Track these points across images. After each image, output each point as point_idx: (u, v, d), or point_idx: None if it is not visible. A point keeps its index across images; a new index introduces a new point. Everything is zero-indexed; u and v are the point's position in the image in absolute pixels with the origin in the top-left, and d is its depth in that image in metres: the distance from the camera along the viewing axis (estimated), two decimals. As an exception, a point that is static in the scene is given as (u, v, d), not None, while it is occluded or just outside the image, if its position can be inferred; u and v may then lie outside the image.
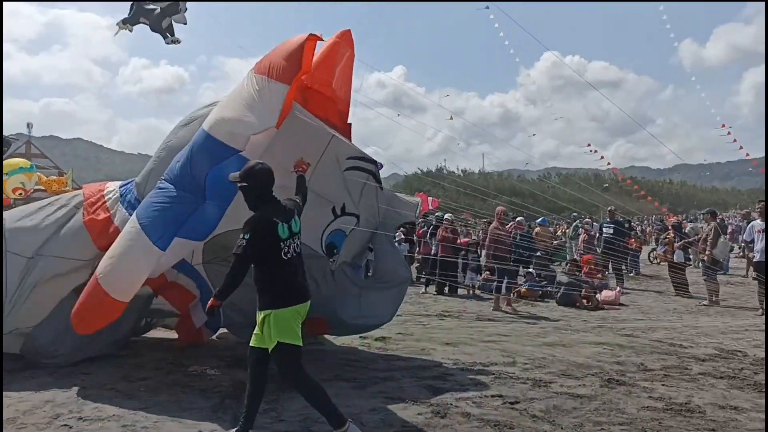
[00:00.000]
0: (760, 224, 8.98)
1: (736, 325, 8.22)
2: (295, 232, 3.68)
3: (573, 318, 8.67)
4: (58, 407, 4.16)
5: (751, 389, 4.84)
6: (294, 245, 3.65)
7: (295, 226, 3.68)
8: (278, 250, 3.55)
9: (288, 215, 3.66)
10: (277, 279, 3.58)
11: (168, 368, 5.26)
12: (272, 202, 3.68)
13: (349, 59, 5.47)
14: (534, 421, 3.97)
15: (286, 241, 3.58)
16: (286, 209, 3.69)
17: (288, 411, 4.12)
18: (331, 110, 5.50)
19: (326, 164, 5.44)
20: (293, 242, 3.64)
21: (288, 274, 3.61)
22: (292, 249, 3.63)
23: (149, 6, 8.59)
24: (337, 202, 5.63)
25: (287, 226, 3.60)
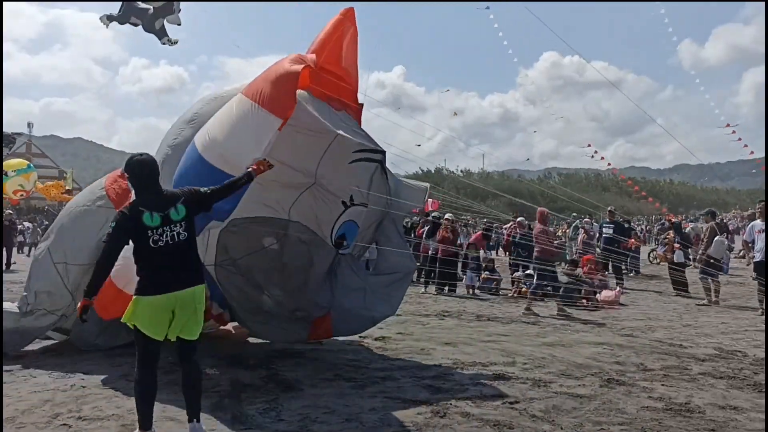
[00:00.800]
0: (760, 224, 8.97)
1: (735, 325, 8.22)
2: (174, 220, 3.61)
3: (573, 318, 8.66)
4: (57, 406, 4.16)
5: (750, 389, 4.84)
6: (170, 233, 3.59)
7: (174, 215, 3.61)
8: (146, 237, 3.54)
9: (165, 204, 3.62)
10: (146, 266, 3.61)
11: (167, 368, 5.23)
12: (148, 192, 3.67)
13: (353, 36, 5.44)
14: (533, 421, 3.96)
15: (156, 229, 3.55)
16: (162, 198, 3.65)
17: (287, 410, 4.11)
18: (342, 89, 5.46)
19: (332, 156, 5.39)
20: (169, 230, 3.58)
21: (158, 262, 3.59)
22: (167, 237, 3.58)
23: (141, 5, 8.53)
24: (345, 195, 5.62)
25: (160, 215, 3.57)
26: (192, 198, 3.74)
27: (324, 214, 5.58)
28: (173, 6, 8.42)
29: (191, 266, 3.72)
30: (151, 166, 3.70)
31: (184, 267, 3.66)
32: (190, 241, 3.70)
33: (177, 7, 8.47)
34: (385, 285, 6.00)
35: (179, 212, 3.64)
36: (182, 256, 3.65)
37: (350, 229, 5.76)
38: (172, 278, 3.60)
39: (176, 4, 8.43)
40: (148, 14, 8.41)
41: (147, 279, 3.61)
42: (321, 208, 5.57)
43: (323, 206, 5.56)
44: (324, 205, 5.57)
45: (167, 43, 8.61)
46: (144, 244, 3.56)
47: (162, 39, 8.57)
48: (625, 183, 37.53)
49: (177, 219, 3.62)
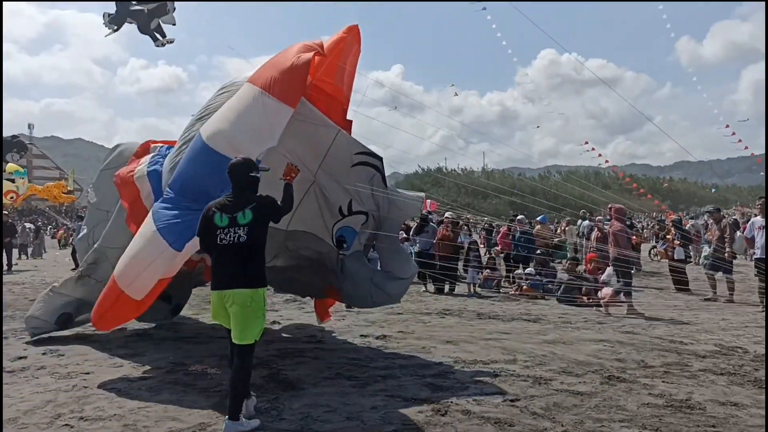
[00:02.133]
0: (760, 221, 8.97)
1: (736, 321, 8.22)
2: (239, 223, 3.84)
3: (573, 315, 8.66)
4: (59, 407, 4.17)
5: (751, 385, 4.84)
6: (234, 234, 3.84)
7: (241, 218, 3.85)
8: (214, 235, 3.88)
9: (235, 207, 3.88)
10: (213, 263, 4.01)
11: (169, 367, 5.28)
12: (229, 193, 3.99)
13: (355, 55, 5.49)
14: (534, 419, 3.97)
15: (223, 229, 3.86)
16: (236, 202, 3.91)
17: (289, 410, 4.12)
18: (332, 106, 5.53)
19: (332, 160, 5.46)
20: (233, 232, 3.84)
21: (220, 260, 3.91)
22: (230, 237, 3.84)
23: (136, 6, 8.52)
24: (343, 201, 5.67)
25: (229, 217, 3.86)
26: (263, 205, 3.95)
27: (323, 219, 5.68)
28: (167, 6, 8.41)
29: (247, 269, 3.87)
30: (236, 169, 3.97)
31: (239, 268, 3.85)
32: (251, 245, 3.88)
33: (171, 7, 8.47)
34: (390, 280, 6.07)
35: (245, 217, 3.86)
36: (240, 258, 3.85)
37: (347, 233, 5.84)
38: (226, 277, 3.86)
39: (170, 4, 8.42)
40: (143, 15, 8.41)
41: (212, 274, 3.99)
42: (319, 214, 5.66)
43: (322, 212, 5.65)
44: (322, 211, 5.65)
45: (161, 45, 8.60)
46: (213, 241, 3.90)
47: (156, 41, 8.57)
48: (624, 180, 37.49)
49: (242, 223, 3.86)
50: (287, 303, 9.65)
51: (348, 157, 5.58)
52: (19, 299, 9.84)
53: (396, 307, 9.13)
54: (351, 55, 5.46)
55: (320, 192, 5.68)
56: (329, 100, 5.52)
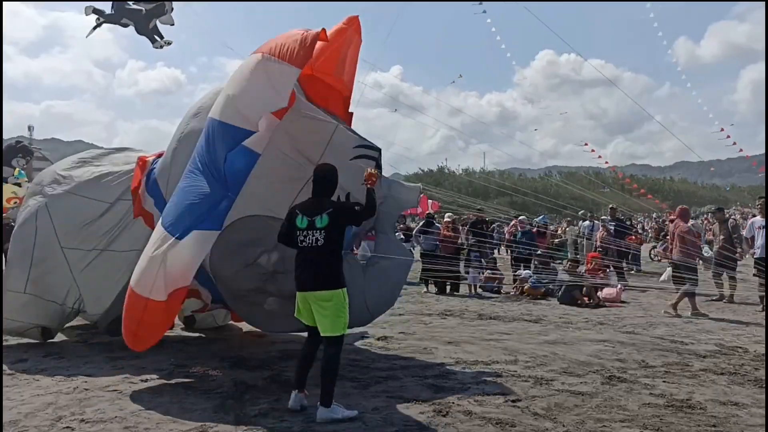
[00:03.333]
0: (760, 221, 8.98)
1: (736, 321, 8.23)
2: (317, 227, 4.02)
3: (574, 316, 8.67)
4: (60, 409, 4.17)
5: (751, 385, 4.85)
6: (312, 237, 4.03)
7: (318, 222, 4.02)
8: (295, 237, 4.10)
9: (315, 211, 4.07)
10: (295, 263, 4.16)
11: (170, 369, 5.28)
12: (313, 196, 4.20)
13: (356, 46, 5.46)
14: (536, 419, 3.97)
15: (303, 231, 4.05)
16: (316, 206, 4.10)
17: (290, 411, 4.12)
18: (332, 98, 5.49)
19: (331, 155, 5.37)
20: (312, 234, 4.02)
21: (300, 261, 4.10)
22: (309, 240, 4.03)
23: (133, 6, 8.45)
24: (342, 192, 5.54)
25: (308, 220, 4.04)
26: (340, 211, 4.12)
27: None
28: (165, 6, 8.37)
29: (323, 271, 4.05)
30: (320, 175, 4.20)
31: (316, 270, 4.04)
32: (327, 248, 4.04)
33: (169, 7, 8.42)
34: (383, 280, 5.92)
35: (323, 220, 4.03)
36: (316, 260, 4.04)
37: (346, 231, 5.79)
38: (305, 278, 4.08)
39: (168, 4, 8.37)
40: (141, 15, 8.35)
41: (295, 275, 4.15)
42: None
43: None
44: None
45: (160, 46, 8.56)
46: (295, 242, 4.12)
47: (154, 43, 8.52)
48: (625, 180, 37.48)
49: (319, 226, 4.03)
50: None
51: (346, 151, 5.51)
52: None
53: (397, 308, 9.12)
54: (352, 47, 5.43)
55: None
56: (329, 91, 5.47)
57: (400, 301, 9.99)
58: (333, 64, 5.34)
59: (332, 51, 5.23)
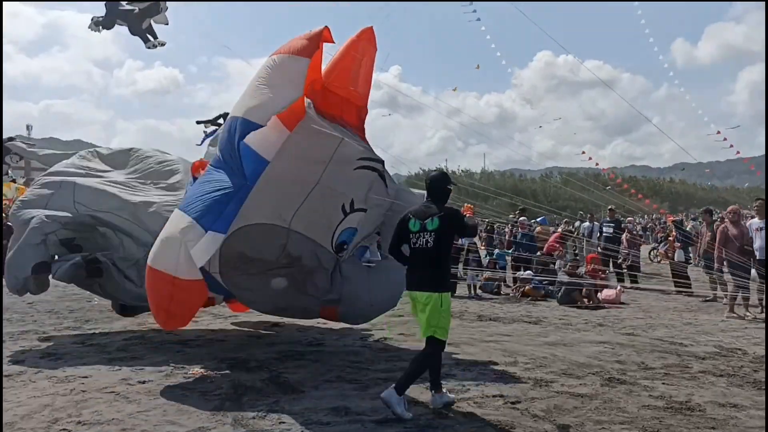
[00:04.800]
0: (758, 223, 8.96)
1: (736, 323, 8.22)
2: (428, 229, 4.24)
3: (574, 317, 8.66)
4: (56, 411, 4.15)
5: (750, 387, 4.83)
6: (423, 239, 4.25)
7: (430, 224, 4.24)
8: (408, 239, 4.35)
9: (426, 215, 4.29)
10: (408, 263, 4.42)
11: (167, 371, 5.26)
12: (426, 202, 4.42)
13: (370, 56, 5.57)
14: (535, 421, 3.96)
15: (416, 233, 4.29)
16: (428, 210, 4.32)
17: (289, 413, 4.11)
18: (346, 109, 5.64)
19: (336, 164, 5.55)
20: (423, 236, 4.26)
21: (412, 262, 4.37)
22: (421, 242, 4.26)
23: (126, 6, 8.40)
24: (347, 199, 5.74)
25: (420, 223, 4.28)
26: (450, 216, 4.29)
27: (326, 220, 5.67)
28: (159, 6, 8.32)
29: (431, 273, 4.25)
30: (434, 181, 4.44)
31: (425, 271, 4.26)
32: (437, 250, 4.23)
33: (164, 7, 8.37)
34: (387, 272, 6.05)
35: (433, 223, 4.24)
36: (427, 261, 4.26)
37: (349, 235, 5.85)
38: (414, 278, 4.33)
39: (162, 3, 8.32)
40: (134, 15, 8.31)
41: (407, 275, 4.42)
42: (323, 215, 5.64)
43: (325, 212, 5.64)
44: (326, 211, 5.64)
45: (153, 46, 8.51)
46: (408, 244, 4.36)
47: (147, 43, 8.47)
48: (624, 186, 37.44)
49: (430, 228, 4.24)
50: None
51: (351, 162, 5.64)
52: (17, 302, 9.80)
53: (397, 310, 9.08)
54: (366, 58, 5.53)
55: (325, 192, 5.66)
56: (343, 103, 5.60)
57: (400, 303, 9.97)
58: (347, 77, 5.47)
59: (345, 65, 5.39)
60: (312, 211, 5.58)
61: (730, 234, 8.85)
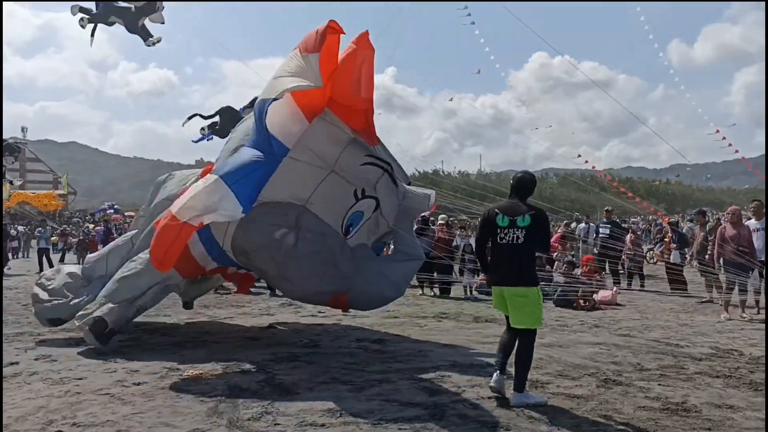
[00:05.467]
0: (754, 224, 8.98)
1: (732, 323, 8.24)
2: (519, 226, 4.38)
3: (570, 318, 8.66)
4: (51, 413, 4.12)
5: (747, 388, 4.84)
6: (513, 235, 4.39)
7: (520, 221, 4.38)
8: (495, 234, 4.46)
9: (515, 212, 4.44)
10: (492, 259, 4.57)
11: (162, 372, 5.24)
12: (509, 200, 4.59)
13: (369, 61, 5.73)
14: (531, 422, 3.95)
15: (504, 229, 4.42)
16: (516, 208, 4.47)
17: (284, 415, 4.09)
18: (352, 118, 5.90)
19: (347, 157, 6.02)
20: (513, 232, 4.39)
21: (499, 256, 4.49)
22: (509, 237, 4.40)
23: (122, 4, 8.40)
24: (358, 185, 6.16)
25: (509, 219, 4.42)
26: (540, 215, 4.46)
27: (338, 204, 6.09)
28: (156, 5, 8.33)
29: (520, 268, 4.42)
30: (524, 180, 4.59)
31: (514, 266, 4.42)
32: (527, 246, 4.39)
33: (160, 6, 8.39)
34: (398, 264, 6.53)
35: (525, 220, 4.39)
36: (516, 256, 4.40)
37: (357, 218, 6.27)
38: (502, 273, 4.48)
39: (159, 3, 8.33)
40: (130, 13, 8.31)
41: (492, 270, 4.59)
42: (336, 199, 6.07)
43: (338, 196, 6.07)
44: (339, 195, 6.07)
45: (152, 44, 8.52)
46: (494, 239, 4.48)
47: (147, 41, 8.48)
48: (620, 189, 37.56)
49: (521, 225, 4.39)
50: (283, 307, 9.62)
51: (358, 158, 6.07)
52: (12, 304, 9.77)
53: (392, 311, 9.11)
54: (365, 64, 5.64)
55: (337, 179, 6.06)
56: (347, 111, 5.82)
57: (396, 304, 9.97)
58: (347, 87, 5.61)
59: (345, 76, 5.54)
60: (326, 194, 6.00)
61: (727, 235, 8.85)
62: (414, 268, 6.78)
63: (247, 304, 9.84)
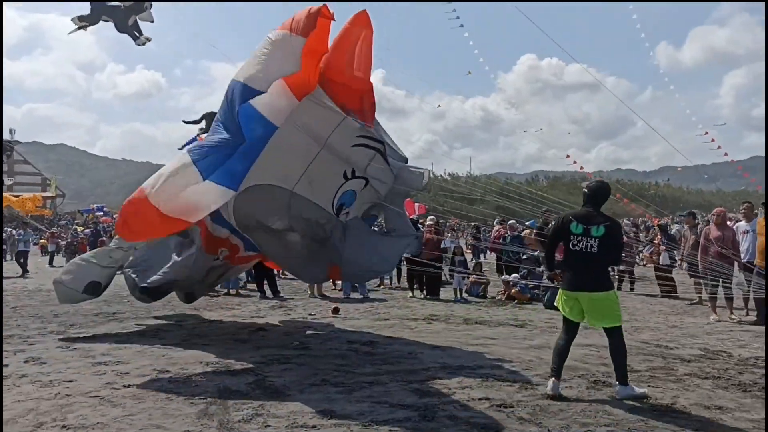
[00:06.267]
0: (744, 226, 9.07)
1: (721, 325, 8.31)
2: (593, 235, 4.54)
3: (560, 320, 8.68)
4: (41, 415, 4.09)
5: (735, 389, 4.89)
6: (587, 243, 4.54)
7: (594, 231, 4.54)
8: (568, 240, 4.61)
9: (590, 221, 4.58)
10: (565, 265, 4.73)
11: (152, 375, 5.21)
12: (584, 208, 4.72)
13: (367, 38, 5.76)
14: (521, 424, 3.97)
15: (578, 236, 4.57)
16: (591, 217, 4.61)
17: (274, 417, 4.08)
18: (347, 97, 5.86)
19: (338, 138, 6.09)
20: (586, 240, 4.54)
21: (572, 263, 4.64)
22: (582, 245, 4.55)
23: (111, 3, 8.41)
24: (348, 167, 6.30)
25: (584, 227, 4.57)
26: (615, 226, 4.62)
27: (328, 184, 6.26)
28: (144, 4, 8.34)
29: (594, 275, 4.58)
30: (598, 190, 4.71)
31: (587, 273, 4.57)
32: (600, 255, 4.55)
33: (149, 5, 8.39)
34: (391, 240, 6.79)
35: (599, 230, 4.54)
36: (590, 264, 4.56)
37: (348, 197, 6.46)
38: (578, 280, 4.60)
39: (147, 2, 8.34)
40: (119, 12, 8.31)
41: (564, 275, 4.76)
42: (325, 179, 6.23)
43: (327, 177, 6.23)
44: (328, 175, 6.23)
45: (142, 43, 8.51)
46: (567, 246, 4.62)
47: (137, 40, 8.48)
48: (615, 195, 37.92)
49: (595, 235, 4.53)
50: (273, 309, 9.60)
51: (350, 138, 6.16)
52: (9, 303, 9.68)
53: (383, 313, 9.12)
54: (362, 42, 5.68)
55: (328, 158, 6.17)
56: (342, 89, 5.81)
57: (386, 306, 10.00)
58: (342, 64, 5.63)
59: (340, 52, 5.56)
60: (316, 175, 6.13)
61: (711, 236, 8.94)
62: (405, 244, 7.00)
63: (237, 307, 9.81)
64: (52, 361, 5.72)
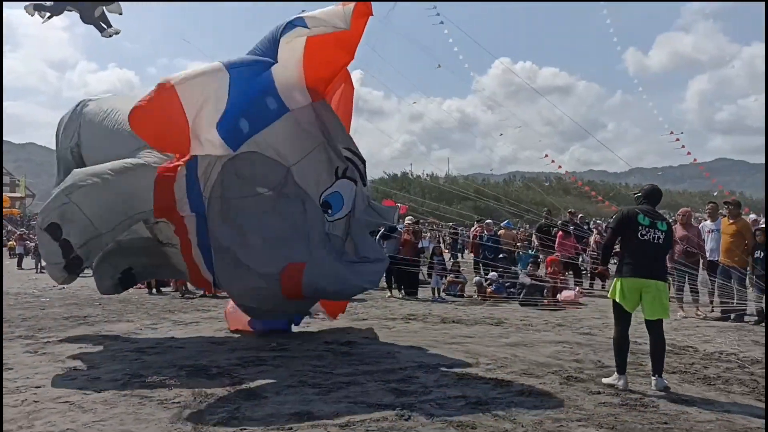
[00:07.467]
0: (709, 225, 9.34)
1: (687, 321, 8.54)
2: (658, 228, 4.87)
3: (535, 318, 8.83)
4: (7, 423, 3.98)
5: (701, 383, 5.04)
6: (655, 234, 4.85)
7: (660, 225, 4.89)
8: (636, 231, 4.86)
9: (655, 217, 4.94)
10: (629, 254, 4.92)
11: (125, 379, 5.12)
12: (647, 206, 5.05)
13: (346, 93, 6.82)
14: (496, 420, 4.03)
15: (646, 227, 4.86)
16: (655, 213, 4.99)
17: (250, 419, 4.06)
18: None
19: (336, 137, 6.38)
20: (654, 232, 4.85)
21: (639, 252, 4.86)
22: (651, 235, 4.84)
23: None
24: (340, 165, 6.44)
25: (651, 220, 4.88)
26: (671, 228, 5.14)
27: (319, 176, 6.35)
28: None
29: (662, 264, 5.05)
30: (654, 191, 5.15)
31: (656, 262, 4.90)
32: (664, 247, 4.97)
33: None
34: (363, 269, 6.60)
35: (663, 225, 4.92)
36: (656, 254, 4.90)
37: (336, 200, 6.46)
38: (644, 268, 4.83)
39: None
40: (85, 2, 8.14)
41: (627, 264, 4.90)
42: (318, 172, 6.34)
43: (320, 169, 6.34)
44: (322, 168, 6.35)
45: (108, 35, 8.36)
46: (634, 236, 4.86)
47: (103, 32, 8.33)
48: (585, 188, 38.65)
49: (661, 229, 4.90)
50: (250, 311, 9.52)
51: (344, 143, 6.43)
52: None
53: (361, 313, 9.13)
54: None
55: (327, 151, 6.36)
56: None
57: (365, 306, 10.00)
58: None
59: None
60: (311, 163, 6.27)
61: (677, 236, 9.16)
62: (378, 270, 6.95)
63: (213, 309, 9.70)
64: (19, 366, 5.57)
